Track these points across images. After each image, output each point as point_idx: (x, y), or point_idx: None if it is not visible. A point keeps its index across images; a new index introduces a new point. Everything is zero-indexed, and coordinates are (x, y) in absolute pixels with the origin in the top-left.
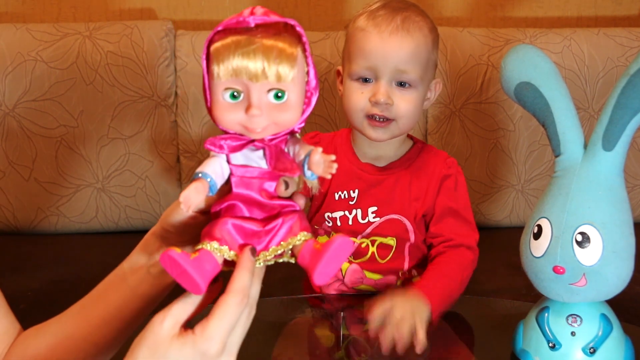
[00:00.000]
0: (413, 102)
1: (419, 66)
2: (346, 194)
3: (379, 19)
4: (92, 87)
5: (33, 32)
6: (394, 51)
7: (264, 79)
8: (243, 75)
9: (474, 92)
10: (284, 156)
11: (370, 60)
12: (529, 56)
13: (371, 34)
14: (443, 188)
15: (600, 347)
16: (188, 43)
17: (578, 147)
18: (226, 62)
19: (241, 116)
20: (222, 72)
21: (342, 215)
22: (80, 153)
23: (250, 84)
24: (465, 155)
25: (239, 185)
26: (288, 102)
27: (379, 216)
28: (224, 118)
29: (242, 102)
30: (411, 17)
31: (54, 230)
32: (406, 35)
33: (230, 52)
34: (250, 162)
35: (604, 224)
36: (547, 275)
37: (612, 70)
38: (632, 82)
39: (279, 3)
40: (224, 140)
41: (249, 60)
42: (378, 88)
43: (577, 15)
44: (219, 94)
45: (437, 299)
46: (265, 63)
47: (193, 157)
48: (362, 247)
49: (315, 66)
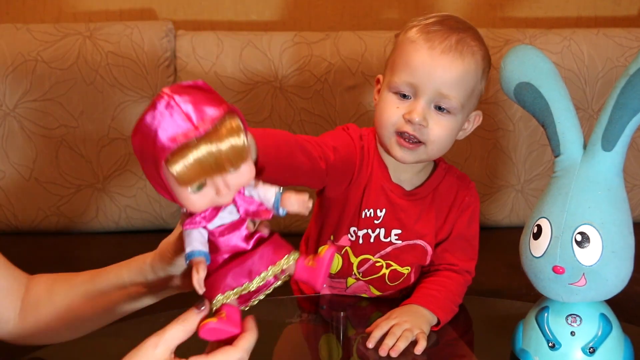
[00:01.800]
0: (448, 129)
1: (463, 93)
2: (372, 212)
3: (432, 34)
4: (93, 88)
5: (33, 33)
6: (441, 72)
7: (226, 172)
8: (209, 174)
9: None
10: (252, 202)
11: (414, 76)
12: (528, 56)
13: (421, 48)
14: (463, 216)
15: (599, 347)
16: (188, 43)
17: (577, 147)
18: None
19: (211, 198)
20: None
21: (365, 234)
22: (81, 153)
23: (215, 176)
24: (465, 155)
25: (223, 242)
26: (242, 170)
27: (401, 239)
28: (196, 206)
29: (208, 188)
30: (466, 40)
31: (54, 230)
32: (457, 57)
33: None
34: (224, 220)
35: (603, 224)
36: (546, 275)
37: (611, 71)
38: (632, 82)
39: (279, 3)
40: (199, 216)
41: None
42: (415, 106)
43: (576, 16)
44: (186, 191)
45: (444, 312)
46: (227, 163)
47: None
48: (376, 265)
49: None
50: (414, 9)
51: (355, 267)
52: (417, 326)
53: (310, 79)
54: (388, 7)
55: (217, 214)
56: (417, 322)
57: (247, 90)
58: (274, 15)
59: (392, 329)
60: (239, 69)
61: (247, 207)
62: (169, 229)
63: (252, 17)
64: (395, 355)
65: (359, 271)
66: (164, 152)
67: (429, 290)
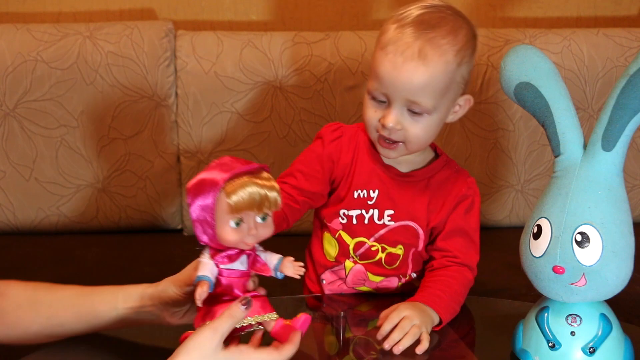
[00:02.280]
0: (424, 128)
1: (432, 95)
2: (366, 193)
3: (399, 42)
4: (93, 87)
5: (33, 33)
6: (405, 81)
7: (263, 212)
8: (252, 209)
9: (473, 92)
10: (258, 261)
11: (382, 85)
12: (528, 56)
13: (386, 58)
14: (459, 207)
15: (599, 347)
16: (188, 43)
17: (578, 147)
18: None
19: (241, 236)
20: (235, 204)
21: (358, 214)
22: (81, 153)
23: (250, 213)
24: (465, 155)
25: (226, 283)
26: (269, 221)
27: (394, 220)
28: (228, 238)
29: (243, 226)
30: (435, 41)
31: (54, 230)
32: (420, 65)
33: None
34: (235, 267)
35: (603, 224)
36: (546, 275)
37: (611, 71)
38: (632, 82)
39: (279, 3)
40: (221, 255)
41: (257, 203)
42: (388, 112)
43: (576, 16)
44: (228, 221)
45: (447, 313)
46: (266, 204)
47: (193, 157)
48: (372, 250)
49: None
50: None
51: (352, 249)
52: (423, 324)
53: (310, 79)
54: (388, 7)
55: (234, 261)
56: (424, 320)
57: (247, 90)
58: (274, 15)
59: (401, 322)
60: (239, 69)
61: (255, 263)
62: (169, 229)
63: (252, 17)
64: (397, 353)
65: (355, 254)
66: (223, 180)
67: (434, 290)
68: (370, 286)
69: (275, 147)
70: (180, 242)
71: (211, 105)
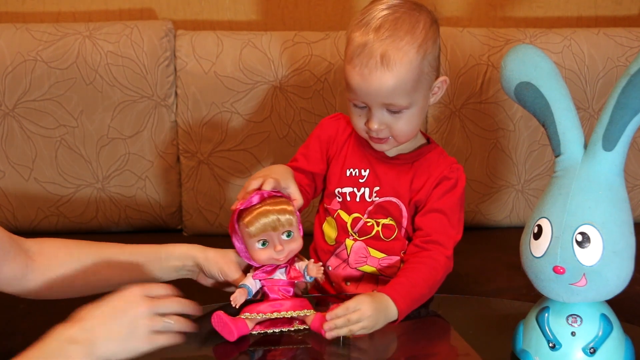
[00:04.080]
0: (407, 121)
1: (405, 92)
2: (357, 172)
3: (362, 54)
4: (92, 87)
5: (33, 32)
6: (375, 88)
7: (280, 233)
8: (269, 231)
9: (474, 92)
10: (294, 270)
11: (357, 95)
12: (529, 56)
13: (354, 70)
14: (439, 187)
15: (600, 347)
16: (188, 43)
17: (578, 147)
18: (256, 224)
19: (270, 254)
20: (253, 231)
21: (350, 192)
22: (80, 153)
23: (272, 233)
24: (465, 155)
25: (269, 291)
26: (294, 236)
27: (379, 196)
28: (260, 257)
29: (269, 246)
30: (394, 44)
31: (54, 230)
32: (386, 71)
33: (256, 219)
34: (274, 276)
35: (604, 224)
36: (547, 276)
37: (612, 70)
38: (632, 82)
39: (279, 3)
40: (262, 271)
41: (272, 226)
42: (370, 116)
43: (577, 15)
44: (254, 244)
45: (406, 303)
46: (280, 226)
47: (193, 157)
48: (368, 225)
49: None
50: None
51: (350, 226)
52: (373, 324)
53: (310, 79)
54: None
55: (273, 274)
56: (377, 319)
57: (247, 90)
58: (274, 15)
59: (353, 313)
60: (238, 69)
61: (291, 272)
62: (169, 229)
63: (252, 17)
64: (327, 337)
65: (354, 231)
66: (236, 211)
67: (401, 281)
68: (372, 264)
69: (275, 147)
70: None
71: (211, 105)
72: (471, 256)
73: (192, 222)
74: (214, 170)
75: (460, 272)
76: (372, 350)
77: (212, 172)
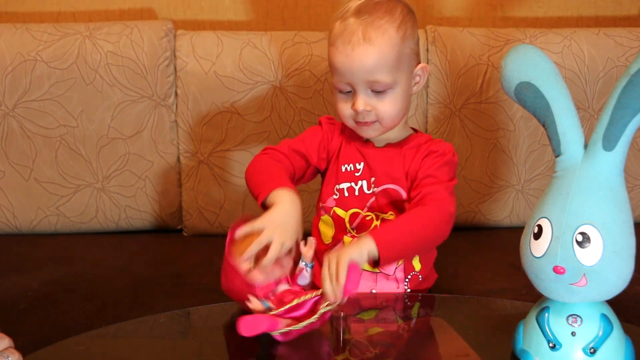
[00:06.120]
0: (392, 102)
1: (387, 69)
2: (352, 166)
3: (344, 34)
4: (92, 87)
5: (33, 32)
6: (359, 65)
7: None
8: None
9: (474, 92)
10: (291, 280)
11: (342, 76)
12: (529, 56)
13: (337, 50)
14: (428, 156)
15: (600, 347)
16: (188, 43)
17: (578, 147)
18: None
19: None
20: None
21: (349, 187)
22: (80, 153)
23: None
24: (465, 155)
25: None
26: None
27: (376, 186)
28: (258, 281)
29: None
30: (375, 23)
31: (54, 230)
32: (368, 46)
33: None
34: (278, 290)
35: (604, 224)
36: (547, 276)
37: (612, 70)
38: (633, 82)
39: (279, 3)
40: (262, 289)
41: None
42: (356, 99)
43: (577, 15)
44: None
45: (388, 252)
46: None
47: (193, 157)
48: (367, 219)
49: None
50: (413, 8)
51: (347, 222)
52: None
53: (310, 78)
54: None
55: (277, 287)
56: (350, 252)
57: (247, 90)
58: (274, 15)
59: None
60: (238, 69)
61: (290, 281)
62: (169, 229)
63: (252, 17)
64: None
65: (352, 227)
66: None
67: (388, 226)
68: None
69: None
70: (180, 242)
71: (211, 105)
72: (471, 256)
73: (192, 222)
74: (214, 170)
75: (460, 272)
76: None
77: (212, 172)
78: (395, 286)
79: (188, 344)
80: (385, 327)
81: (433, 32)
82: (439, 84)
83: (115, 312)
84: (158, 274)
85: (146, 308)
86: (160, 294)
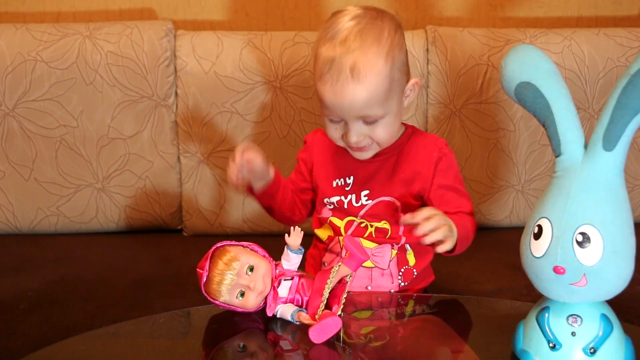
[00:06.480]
0: (385, 128)
1: (378, 105)
2: (342, 181)
3: (332, 70)
4: (92, 87)
5: (33, 32)
6: (349, 102)
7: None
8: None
9: (474, 92)
10: (281, 267)
11: (332, 111)
12: (529, 56)
13: (325, 87)
14: (438, 170)
15: (600, 347)
16: (188, 43)
17: (578, 147)
18: (222, 290)
19: (252, 296)
20: (225, 294)
21: (338, 200)
22: (80, 153)
23: (237, 280)
24: (465, 155)
25: (293, 297)
26: (257, 264)
27: (370, 199)
28: (250, 305)
29: (248, 294)
30: (361, 56)
31: (54, 230)
32: (356, 85)
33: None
34: (282, 294)
35: (604, 224)
36: (547, 276)
37: (612, 70)
38: (633, 82)
39: (279, 3)
40: (262, 307)
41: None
42: (347, 130)
43: (577, 16)
44: (235, 300)
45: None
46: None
47: (193, 157)
48: (362, 226)
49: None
50: (413, 8)
51: (343, 230)
52: (451, 228)
53: (310, 78)
54: (387, 7)
55: (278, 291)
56: (451, 227)
57: (247, 90)
58: (274, 15)
59: (435, 216)
60: (238, 69)
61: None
62: (169, 229)
63: (252, 17)
64: (427, 243)
65: (348, 234)
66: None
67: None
68: (367, 249)
69: (275, 147)
70: (180, 242)
71: (211, 105)
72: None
73: (192, 222)
74: (214, 170)
75: (460, 272)
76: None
77: (212, 172)
78: (389, 281)
79: (188, 344)
80: (384, 326)
81: (433, 32)
82: (439, 84)
83: (115, 312)
84: (158, 274)
85: (146, 308)
86: (160, 294)
